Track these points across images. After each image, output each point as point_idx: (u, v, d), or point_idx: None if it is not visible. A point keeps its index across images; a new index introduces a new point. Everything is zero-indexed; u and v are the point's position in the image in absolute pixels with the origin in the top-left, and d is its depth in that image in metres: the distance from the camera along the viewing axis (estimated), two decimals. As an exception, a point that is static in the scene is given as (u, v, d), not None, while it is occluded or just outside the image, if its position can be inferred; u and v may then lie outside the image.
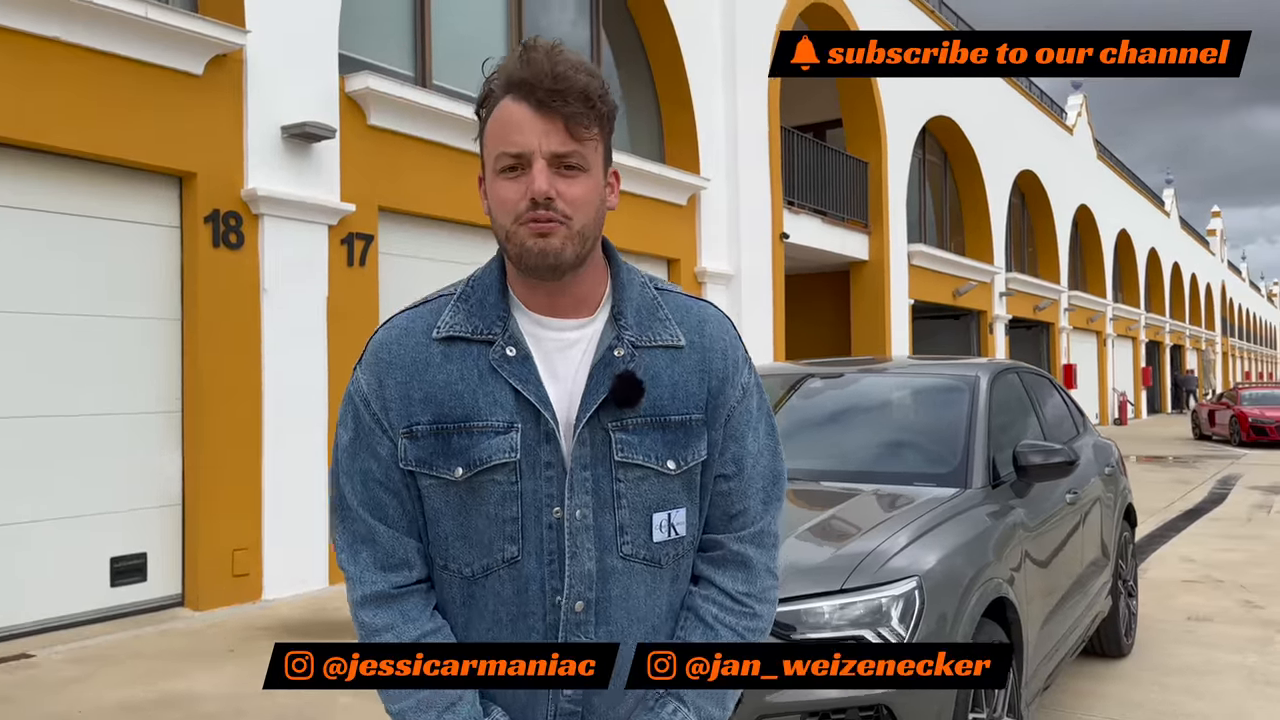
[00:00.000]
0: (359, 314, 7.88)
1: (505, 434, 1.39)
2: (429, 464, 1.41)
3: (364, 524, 1.44)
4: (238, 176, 7.12)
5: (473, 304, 1.44)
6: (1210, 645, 5.83)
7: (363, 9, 8.61)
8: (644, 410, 1.42)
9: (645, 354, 1.43)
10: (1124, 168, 36.14)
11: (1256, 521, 10.86)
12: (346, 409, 1.48)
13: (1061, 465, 4.08)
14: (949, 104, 19.78)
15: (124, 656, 5.70)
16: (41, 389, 6.25)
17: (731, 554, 1.50)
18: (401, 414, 1.42)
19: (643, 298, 1.48)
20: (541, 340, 1.43)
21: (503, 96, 1.38)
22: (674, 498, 1.45)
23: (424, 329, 1.44)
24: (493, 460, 1.39)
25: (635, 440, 1.42)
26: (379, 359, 1.45)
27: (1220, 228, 61.79)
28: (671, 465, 1.43)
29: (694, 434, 1.45)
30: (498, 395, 1.40)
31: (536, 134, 1.35)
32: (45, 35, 6.09)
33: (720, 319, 1.53)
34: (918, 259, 18.15)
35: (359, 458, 1.45)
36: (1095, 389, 30.34)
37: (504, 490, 1.40)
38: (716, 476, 1.49)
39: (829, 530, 3.47)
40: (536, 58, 1.35)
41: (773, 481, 1.55)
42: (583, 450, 1.40)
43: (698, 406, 1.46)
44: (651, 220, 11.48)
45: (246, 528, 7.06)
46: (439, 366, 1.42)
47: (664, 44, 12.12)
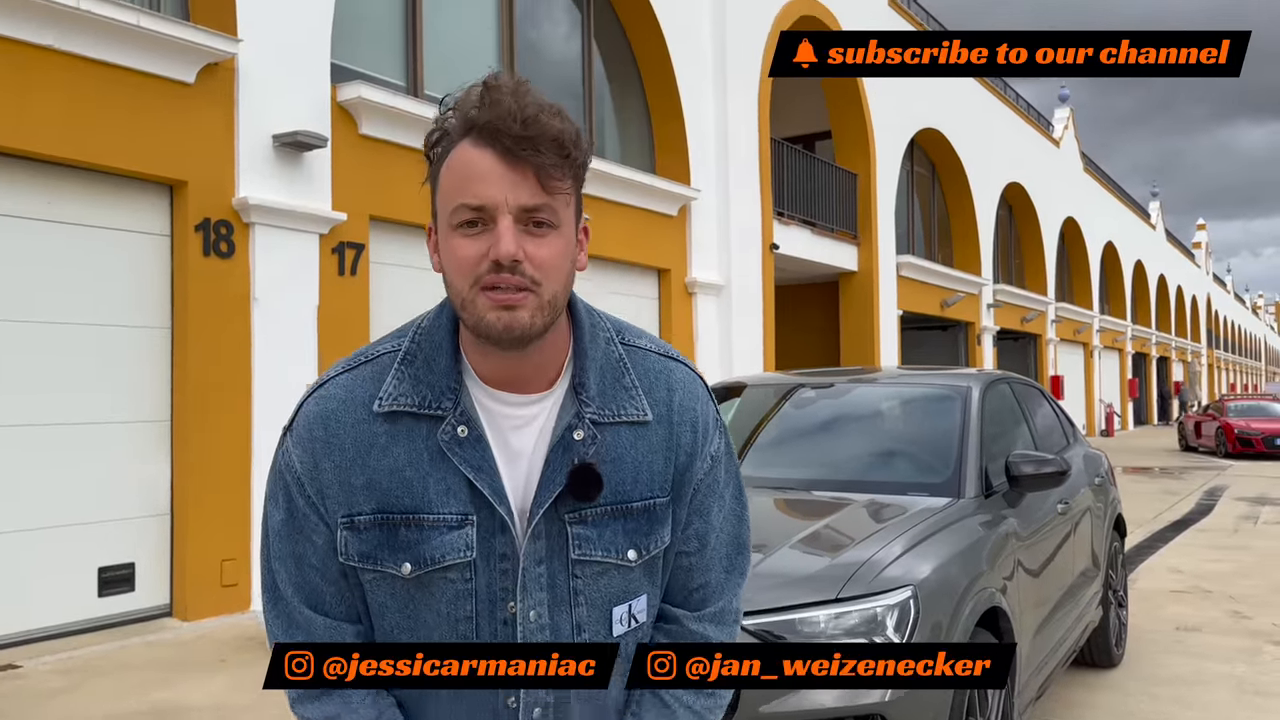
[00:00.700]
0: (350, 323, 7.87)
1: (459, 529, 1.26)
2: (373, 558, 1.27)
3: (299, 613, 1.31)
4: (229, 185, 7.11)
5: (419, 367, 1.28)
6: (1199, 655, 5.86)
7: (355, 19, 8.62)
8: (604, 499, 1.29)
9: (607, 431, 1.30)
10: (1110, 180, 36.38)
11: (1243, 532, 10.92)
12: (277, 485, 1.33)
13: (1053, 475, 4.09)
14: (937, 117, 19.89)
15: (112, 667, 5.66)
16: (30, 397, 6.21)
17: (689, 633, 1.40)
18: (340, 501, 1.27)
19: (607, 360, 1.33)
20: (495, 416, 1.29)
21: (460, 139, 1.21)
22: (635, 587, 1.34)
23: (364, 400, 1.28)
24: (446, 560, 1.26)
25: (594, 535, 1.29)
26: (314, 436, 1.29)
27: (1205, 240, 62.23)
28: (632, 555, 1.32)
29: (657, 519, 1.33)
30: (449, 482, 1.26)
31: (503, 186, 1.18)
32: (39, 43, 6.08)
33: (690, 383, 1.39)
34: (906, 270, 18.23)
35: (293, 541, 1.31)
36: (1082, 400, 30.49)
37: (457, 589, 1.27)
38: (678, 553, 1.39)
39: (823, 540, 3.48)
40: (501, 98, 1.18)
41: (736, 551, 1.44)
42: (536, 545, 1.28)
43: (662, 488, 1.34)
44: (642, 231, 11.50)
45: (235, 538, 7.02)
46: (383, 449, 1.27)
47: (654, 55, 12.17)
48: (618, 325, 1.39)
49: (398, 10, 9.23)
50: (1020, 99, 26.26)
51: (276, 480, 1.33)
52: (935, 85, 19.86)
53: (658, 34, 12.03)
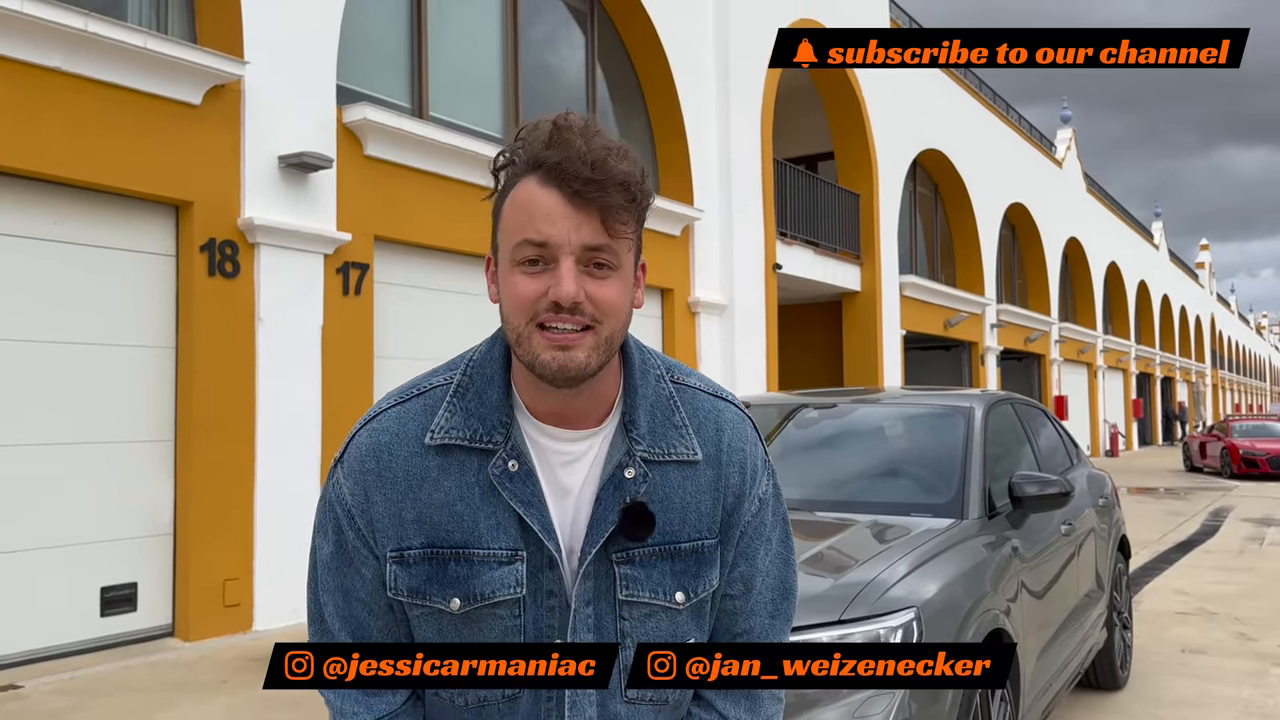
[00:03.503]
0: (354, 343, 7.89)
1: (509, 565, 1.26)
2: (422, 594, 1.27)
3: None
4: (234, 205, 7.14)
5: (470, 401, 1.28)
6: (1205, 678, 5.82)
7: (361, 41, 8.69)
8: (652, 539, 1.28)
9: (657, 470, 1.29)
10: (1113, 201, 36.44)
11: (1249, 554, 10.87)
12: (326, 517, 1.32)
13: (1057, 496, 4.09)
14: (939, 137, 19.97)
15: (114, 688, 5.65)
16: (34, 416, 6.23)
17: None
18: (390, 535, 1.27)
19: (658, 397, 1.33)
20: (546, 451, 1.29)
21: (527, 175, 1.21)
22: (682, 631, 1.33)
23: (416, 433, 1.28)
24: (496, 596, 1.26)
25: (641, 575, 1.29)
26: (365, 469, 1.28)
27: (1209, 260, 62.25)
28: (680, 598, 1.30)
29: (705, 561, 1.32)
30: (499, 517, 1.26)
31: (567, 226, 1.18)
32: (46, 65, 6.13)
33: (739, 423, 1.38)
34: (909, 290, 18.25)
35: (341, 574, 1.31)
36: (1086, 420, 30.42)
37: (505, 625, 1.27)
38: (723, 596, 1.37)
39: (827, 560, 3.47)
40: (570, 139, 1.18)
41: (783, 596, 1.42)
42: (585, 585, 1.27)
43: (710, 530, 1.32)
44: (646, 251, 11.39)
45: (238, 558, 7.02)
46: (435, 482, 1.26)
47: (658, 76, 12.24)
48: (668, 363, 1.39)
49: (403, 32, 9.30)
50: (1023, 120, 26.34)
51: (326, 512, 1.33)
52: (937, 106, 19.95)
53: (661, 55, 12.10)
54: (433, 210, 8.73)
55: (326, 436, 7.60)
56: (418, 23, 9.36)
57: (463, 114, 9.69)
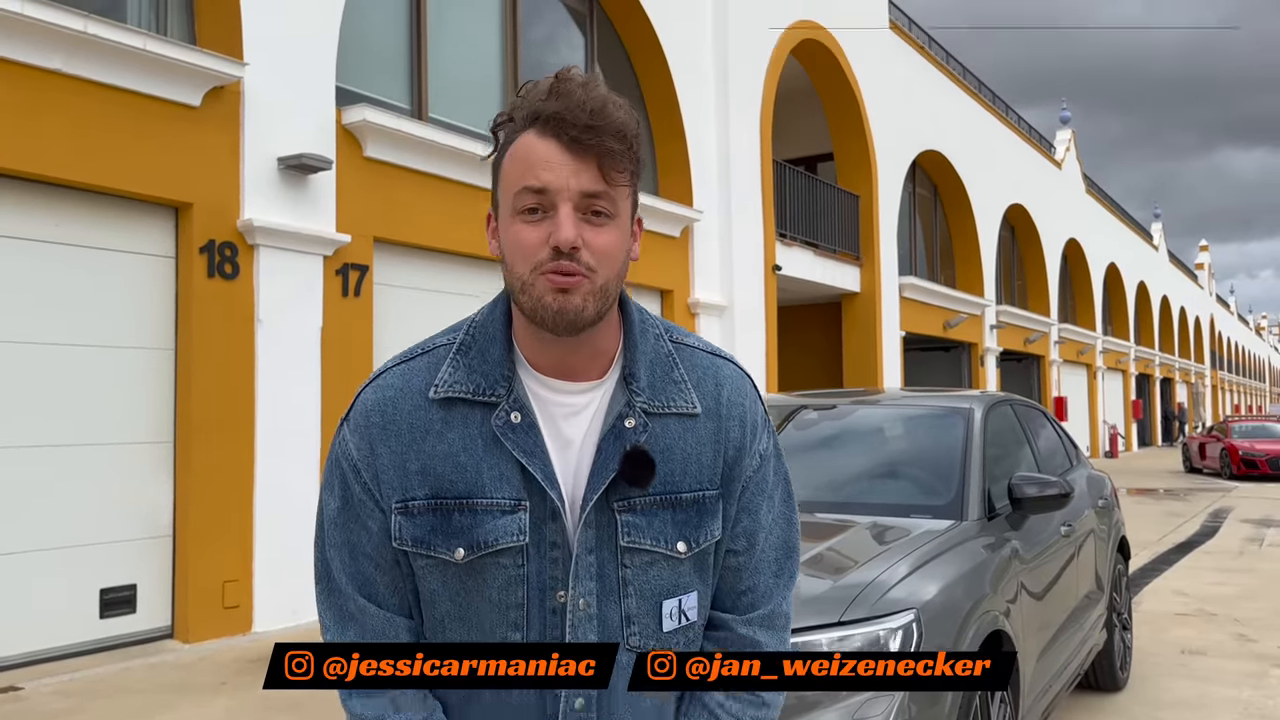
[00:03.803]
0: (353, 345, 7.89)
1: (512, 514, 1.27)
2: (426, 544, 1.28)
3: (352, 602, 1.32)
4: (234, 207, 7.15)
5: (473, 358, 1.31)
6: (1205, 679, 5.82)
7: (360, 43, 8.69)
8: (654, 488, 1.30)
9: (657, 422, 1.32)
10: (1113, 202, 36.45)
11: (1249, 555, 10.87)
12: (333, 473, 1.35)
13: (1056, 498, 4.09)
14: (939, 139, 19.97)
15: (113, 689, 5.64)
16: (33, 418, 6.23)
17: (739, 639, 1.39)
18: (395, 487, 1.29)
19: (657, 354, 1.35)
20: (547, 404, 1.31)
21: (525, 129, 1.25)
22: (685, 582, 1.34)
23: (420, 387, 1.31)
24: (499, 544, 1.27)
25: (643, 523, 1.30)
26: (370, 423, 1.31)
27: (1208, 261, 62.26)
28: (682, 547, 1.32)
29: (707, 512, 1.34)
30: (502, 468, 1.28)
31: (566, 172, 1.21)
32: (46, 67, 6.13)
33: (739, 379, 1.41)
34: (909, 291, 18.25)
35: (348, 529, 1.33)
36: (1086, 422, 30.42)
37: (509, 574, 1.28)
38: (726, 551, 1.38)
39: (826, 562, 3.47)
40: (571, 89, 1.23)
41: (786, 555, 1.43)
42: (587, 533, 1.29)
43: (712, 481, 1.34)
44: (645, 252, 11.52)
45: (237, 559, 7.02)
46: (438, 434, 1.29)
47: (657, 77, 12.24)
48: (667, 325, 1.42)
49: (402, 34, 9.30)
50: (1022, 121, 26.35)
51: (333, 469, 1.35)
52: (937, 107, 19.95)
53: (660, 56, 12.11)
54: (432, 211, 8.73)
55: (326, 438, 7.59)
56: (417, 24, 9.36)
57: (462, 115, 9.69)
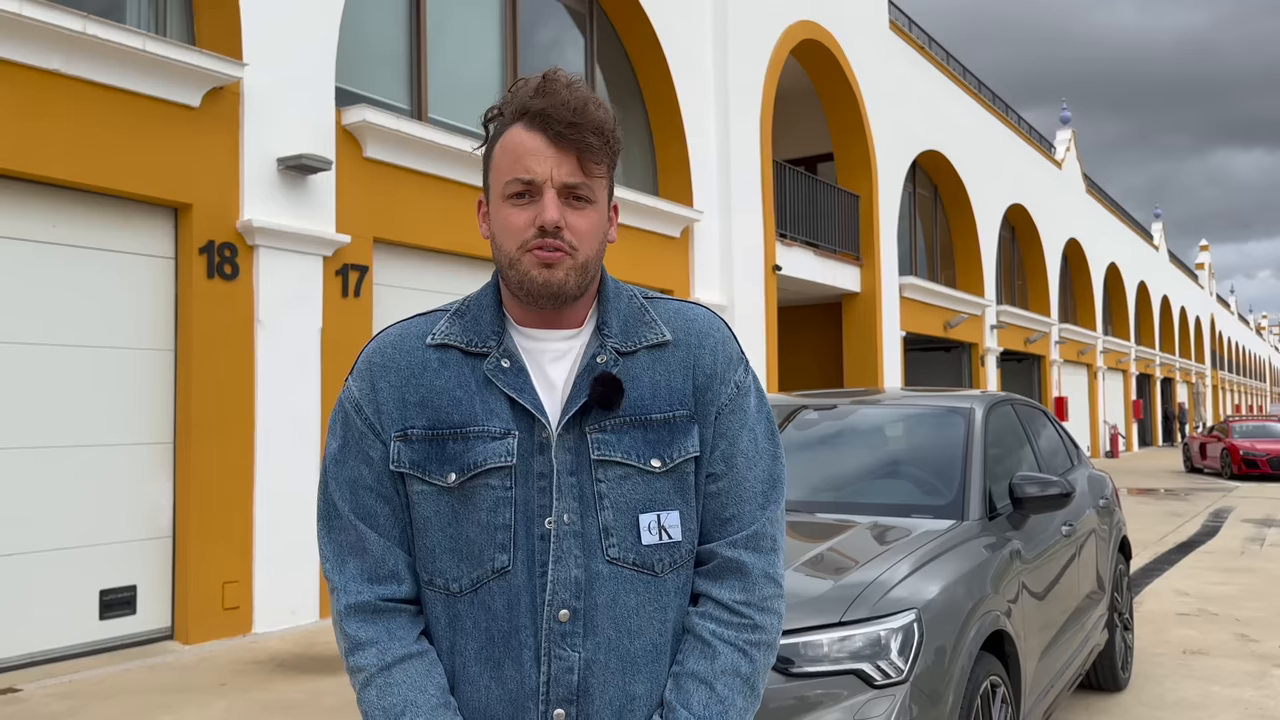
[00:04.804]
0: (353, 345, 7.87)
1: (501, 439, 1.38)
2: (422, 468, 1.39)
3: (354, 531, 1.42)
4: (233, 208, 7.14)
5: (468, 320, 1.45)
6: (1206, 679, 5.81)
7: (359, 43, 8.68)
8: (623, 411, 1.40)
9: (629, 360, 1.43)
10: (1113, 202, 36.43)
11: (1250, 554, 10.86)
12: (336, 417, 1.48)
13: (1058, 497, 4.08)
14: (939, 139, 19.96)
15: (112, 691, 5.64)
16: (33, 419, 6.22)
17: (725, 561, 1.43)
18: (395, 417, 1.42)
19: (630, 308, 1.47)
20: (533, 353, 1.43)
21: (513, 123, 1.39)
22: (663, 499, 1.41)
23: (418, 334, 1.46)
24: (488, 464, 1.38)
25: (613, 439, 1.39)
26: (372, 364, 1.45)
27: (1209, 261, 62.25)
28: (655, 463, 1.40)
29: (679, 430, 1.42)
30: (493, 405, 1.40)
31: (550, 163, 1.36)
32: (45, 68, 6.13)
33: (710, 318, 1.51)
34: (909, 291, 18.24)
35: (348, 464, 1.44)
36: (1086, 421, 30.41)
37: (498, 496, 1.38)
38: (707, 476, 1.44)
39: (827, 562, 3.46)
40: (556, 89, 1.37)
41: (770, 485, 1.48)
42: (565, 456, 1.39)
43: (683, 403, 1.43)
44: (645, 252, 11.53)
45: (237, 560, 7.01)
46: (435, 372, 1.42)
47: (657, 78, 12.24)
48: (643, 291, 1.55)
49: (402, 35, 9.29)
50: (1022, 121, 26.35)
51: (335, 414, 1.48)
52: (937, 108, 19.95)
53: (660, 57, 12.10)
54: (432, 212, 8.72)
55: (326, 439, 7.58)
56: (417, 24, 9.36)
57: (462, 116, 9.69)
